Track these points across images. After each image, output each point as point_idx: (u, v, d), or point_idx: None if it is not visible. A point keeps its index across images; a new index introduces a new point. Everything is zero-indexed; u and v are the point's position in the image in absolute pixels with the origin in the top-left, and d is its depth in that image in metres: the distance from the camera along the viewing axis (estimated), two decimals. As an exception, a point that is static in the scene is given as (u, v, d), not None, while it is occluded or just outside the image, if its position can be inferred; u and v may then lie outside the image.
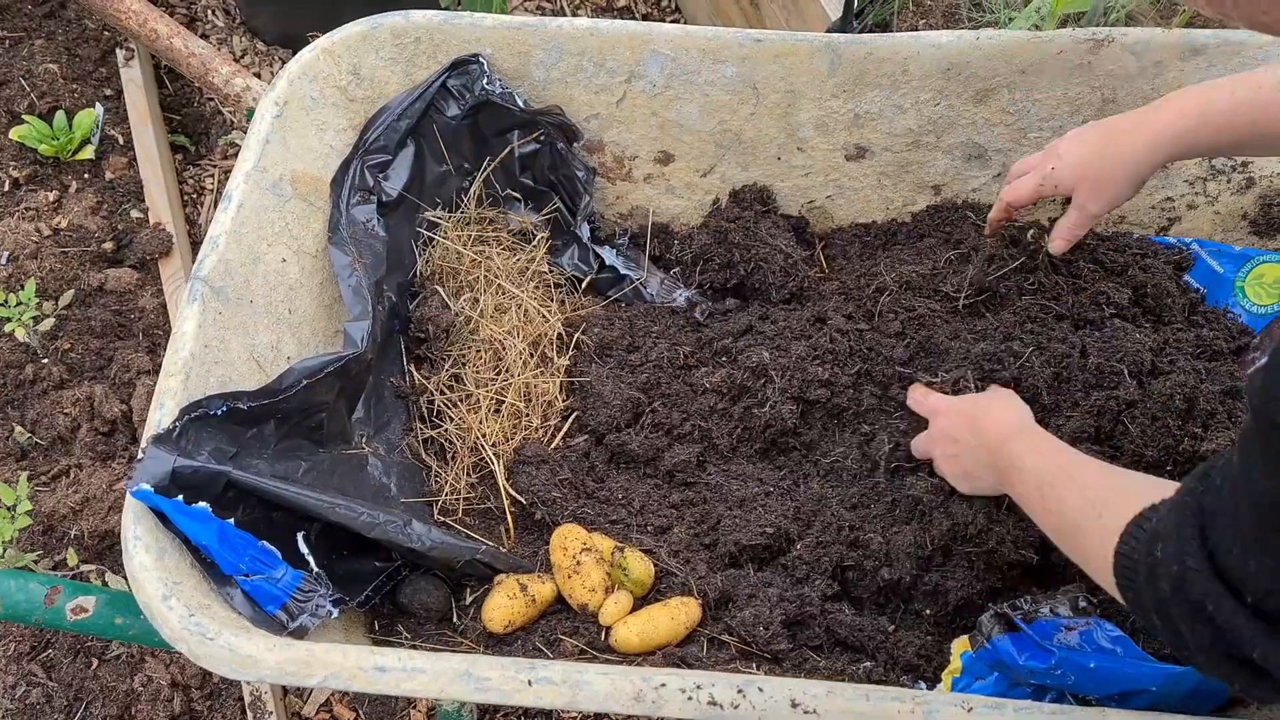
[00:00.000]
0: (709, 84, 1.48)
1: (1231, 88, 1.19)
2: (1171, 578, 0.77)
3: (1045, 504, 1.05)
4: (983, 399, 1.27)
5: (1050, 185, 1.30)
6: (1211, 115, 1.19)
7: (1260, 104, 1.16)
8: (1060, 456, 1.09)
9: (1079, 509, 0.98)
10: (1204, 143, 1.21)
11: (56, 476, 1.83)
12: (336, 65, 1.43)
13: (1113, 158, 1.24)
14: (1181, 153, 1.23)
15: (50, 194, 2.17)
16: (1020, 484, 1.11)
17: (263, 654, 0.96)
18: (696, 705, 0.95)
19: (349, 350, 1.29)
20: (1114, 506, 0.92)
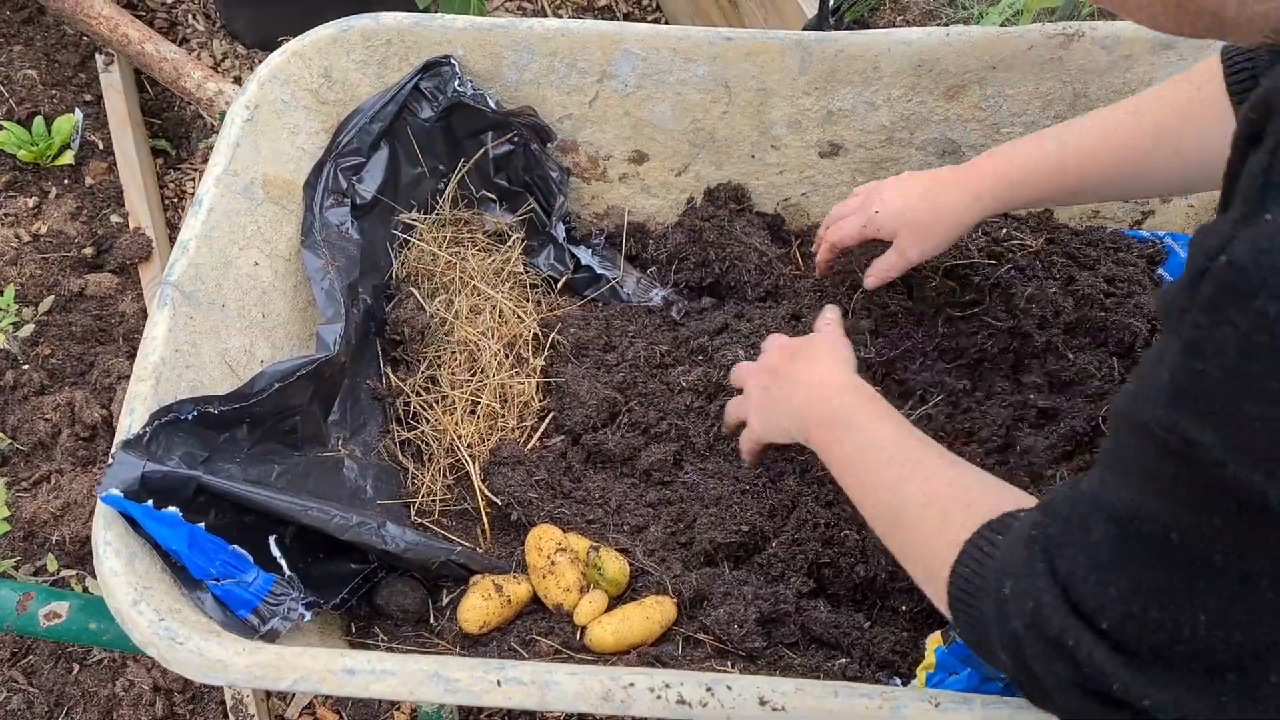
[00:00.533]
0: (681, 83, 1.48)
1: (1058, 144, 1.17)
2: (1024, 615, 0.74)
3: (873, 478, 1.00)
4: (817, 336, 1.23)
5: (873, 229, 1.30)
6: (1032, 172, 1.18)
7: (1086, 155, 1.15)
8: (900, 430, 1.02)
9: (915, 500, 0.93)
10: (1026, 198, 1.22)
11: (37, 482, 1.83)
12: (308, 68, 1.43)
13: (933, 211, 1.25)
14: (1002, 208, 1.23)
15: (30, 200, 2.17)
16: (844, 442, 1.04)
17: (232, 658, 0.96)
18: (665, 704, 0.95)
19: (322, 353, 1.29)
20: (953, 513, 0.88)
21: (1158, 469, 0.61)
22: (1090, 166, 1.15)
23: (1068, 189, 1.19)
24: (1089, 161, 1.15)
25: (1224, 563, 0.60)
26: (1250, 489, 0.55)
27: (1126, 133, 1.12)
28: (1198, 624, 0.62)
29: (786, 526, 1.32)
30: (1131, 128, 1.12)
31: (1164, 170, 1.12)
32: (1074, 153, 1.16)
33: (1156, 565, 0.63)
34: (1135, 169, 1.13)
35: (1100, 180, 1.16)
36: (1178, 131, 1.08)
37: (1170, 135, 1.09)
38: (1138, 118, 1.12)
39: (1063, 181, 1.17)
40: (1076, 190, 1.19)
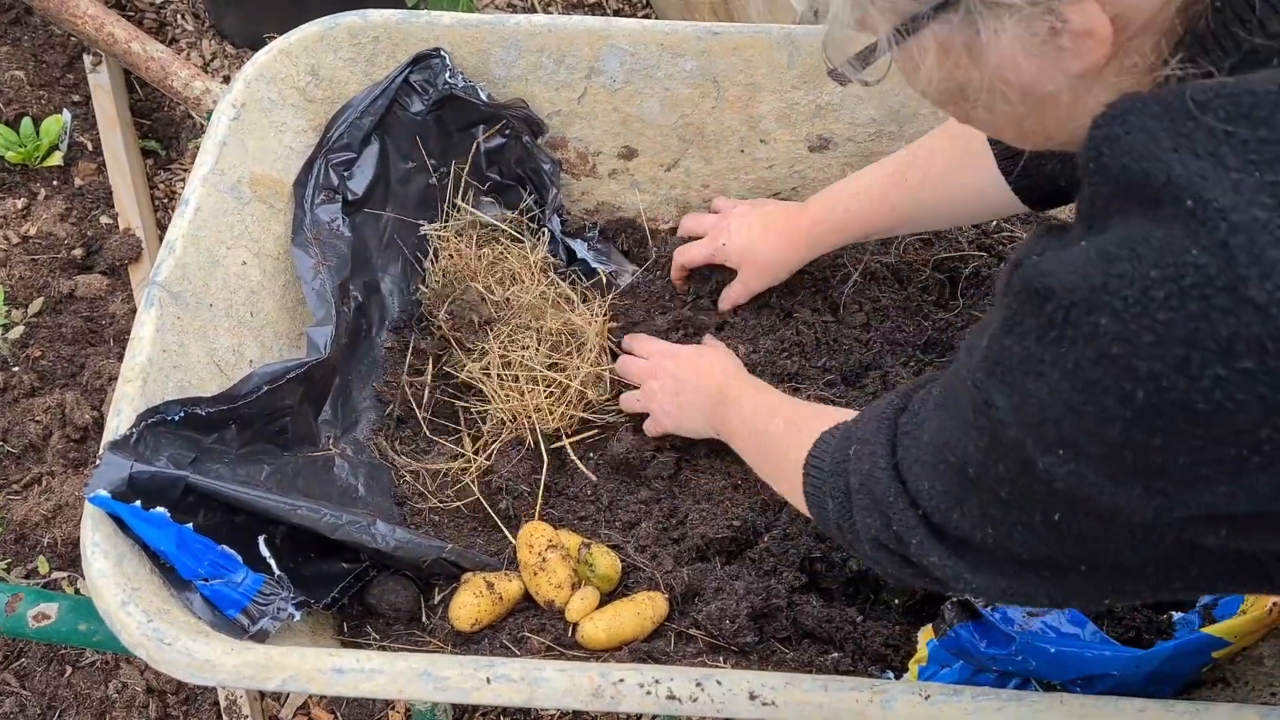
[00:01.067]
0: (669, 78, 1.48)
1: (866, 191, 1.37)
2: (861, 474, 0.88)
3: (752, 433, 1.18)
4: (705, 346, 1.42)
5: (720, 258, 1.46)
6: (848, 219, 1.38)
7: (884, 203, 1.35)
8: (771, 395, 1.23)
9: (780, 431, 1.10)
10: (843, 241, 1.41)
11: (28, 484, 1.83)
12: (294, 66, 1.42)
13: (767, 249, 1.42)
14: (827, 248, 1.42)
15: (18, 201, 2.17)
16: (733, 418, 1.23)
17: (220, 658, 0.96)
18: (655, 699, 0.95)
19: (312, 356, 1.29)
20: (811, 425, 1.02)
21: (968, 417, 0.72)
22: (889, 213, 1.35)
23: (877, 230, 1.39)
24: (888, 209, 1.35)
25: (1007, 497, 0.71)
26: (1024, 451, 0.65)
27: (908, 186, 1.32)
28: (986, 535, 0.76)
29: (778, 521, 1.32)
30: (900, 181, 1.33)
31: (941, 211, 1.34)
32: (877, 201, 1.35)
33: (959, 485, 0.77)
34: (921, 213, 1.35)
35: (899, 223, 1.38)
36: (946, 180, 1.29)
37: (939, 184, 1.30)
38: (907, 169, 1.33)
39: (871, 226, 1.38)
40: (885, 230, 1.40)
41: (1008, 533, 0.74)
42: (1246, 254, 0.53)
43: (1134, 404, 0.58)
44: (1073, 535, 0.70)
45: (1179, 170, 0.56)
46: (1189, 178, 0.56)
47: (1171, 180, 0.56)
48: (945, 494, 0.79)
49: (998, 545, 0.76)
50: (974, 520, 0.77)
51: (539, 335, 1.46)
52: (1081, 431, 0.61)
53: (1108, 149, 0.60)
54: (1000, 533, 0.75)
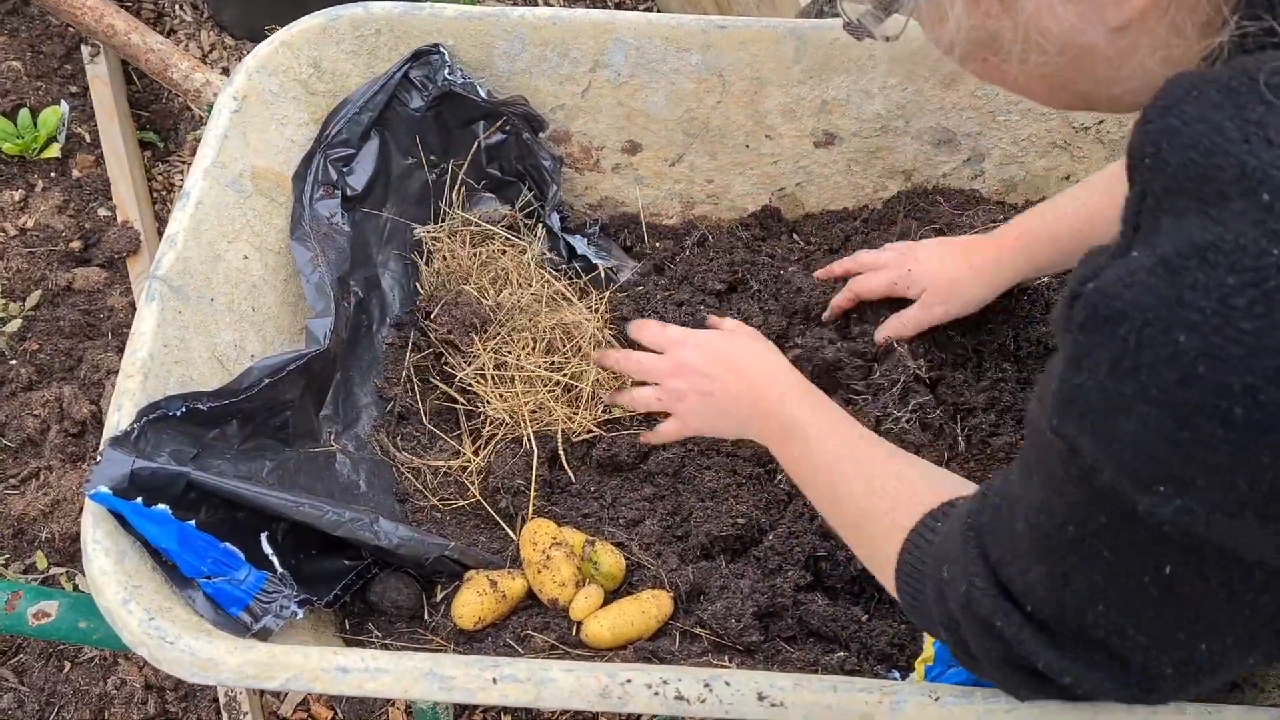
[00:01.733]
0: (674, 72, 1.47)
1: (1072, 201, 1.27)
2: (959, 598, 0.80)
3: (825, 478, 1.04)
4: (742, 337, 1.25)
5: (904, 286, 1.35)
6: (1047, 239, 1.27)
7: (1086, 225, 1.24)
8: (849, 431, 1.07)
9: (863, 495, 0.98)
10: (1055, 263, 1.29)
11: (26, 479, 1.81)
12: (296, 58, 1.41)
13: (968, 271, 1.32)
14: (1031, 274, 1.32)
15: (16, 193, 2.15)
16: (796, 448, 1.09)
17: (223, 657, 0.95)
18: (663, 700, 0.94)
19: (312, 347, 1.27)
20: (899, 505, 0.93)
21: (1053, 470, 0.66)
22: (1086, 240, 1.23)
23: (1068, 259, 1.27)
24: (1088, 231, 1.23)
25: (1112, 558, 0.65)
26: (1121, 496, 0.60)
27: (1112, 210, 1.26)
28: (1098, 611, 0.69)
29: (783, 519, 1.31)
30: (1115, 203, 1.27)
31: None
32: (1081, 222, 1.24)
33: (1062, 556, 0.69)
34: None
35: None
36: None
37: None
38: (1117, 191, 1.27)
39: (1062, 256, 1.27)
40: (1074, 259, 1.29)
41: (1121, 609, 0.68)
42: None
43: (1234, 424, 0.54)
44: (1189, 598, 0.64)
45: (1253, 163, 0.52)
46: (1264, 169, 0.51)
47: (1246, 173, 0.52)
48: (1049, 578, 0.71)
49: (1113, 629, 0.70)
50: (1082, 602, 0.70)
51: (534, 336, 1.45)
52: (1183, 461, 0.56)
53: (1167, 143, 0.56)
54: (1114, 612, 0.68)
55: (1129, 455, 0.58)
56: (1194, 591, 0.63)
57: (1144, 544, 0.62)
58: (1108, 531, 0.64)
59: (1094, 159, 1.54)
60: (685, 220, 1.63)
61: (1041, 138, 1.53)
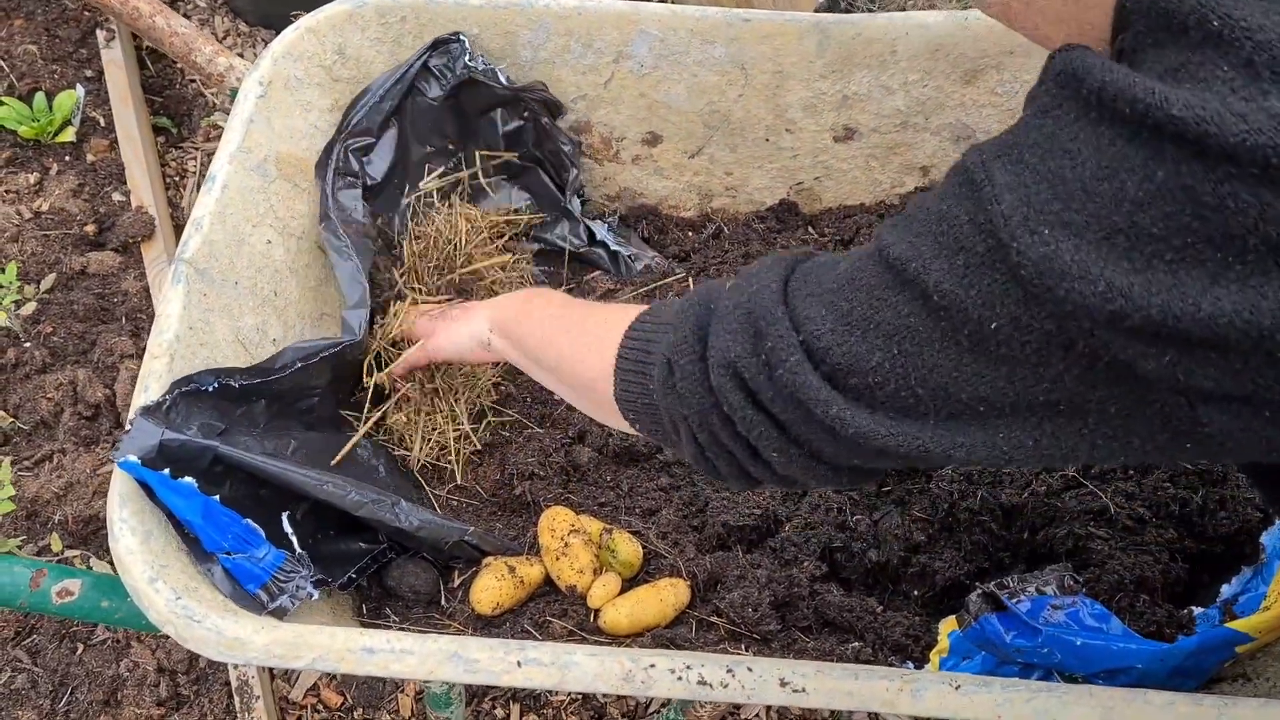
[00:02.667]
0: (697, 64, 1.48)
1: None
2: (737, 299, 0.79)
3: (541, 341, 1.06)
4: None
5: None
6: None
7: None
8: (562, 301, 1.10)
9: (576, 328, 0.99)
10: None
11: (40, 461, 1.82)
12: (321, 44, 1.41)
13: None
14: None
15: (31, 176, 2.15)
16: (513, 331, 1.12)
17: (250, 636, 0.95)
18: (686, 685, 0.95)
19: (347, 337, 1.28)
20: (609, 325, 0.92)
21: (943, 207, 0.67)
22: None
23: None
24: None
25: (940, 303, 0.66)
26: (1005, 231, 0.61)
27: None
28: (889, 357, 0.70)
29: (799, 511, 1.32)
30: None
31: None
32: None
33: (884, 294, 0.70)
34: None
35: None
36: None
37: None
38: None
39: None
40: None
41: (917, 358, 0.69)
42: (1270, 70, 0.55)
43: (1152, 183, 0.57)
44: (1003, 356, 0.65)
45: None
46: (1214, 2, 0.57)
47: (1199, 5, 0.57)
48: (845, 318, 0.72)
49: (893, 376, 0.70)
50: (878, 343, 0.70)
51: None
52: (1087, 210, 0.59)
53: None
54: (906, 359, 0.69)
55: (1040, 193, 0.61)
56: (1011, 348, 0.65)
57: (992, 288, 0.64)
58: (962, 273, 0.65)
59: (1111, 158, 1.54)
60: (703, 213, 1.63)
61: (1059, 136, 1.53)
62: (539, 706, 1.75)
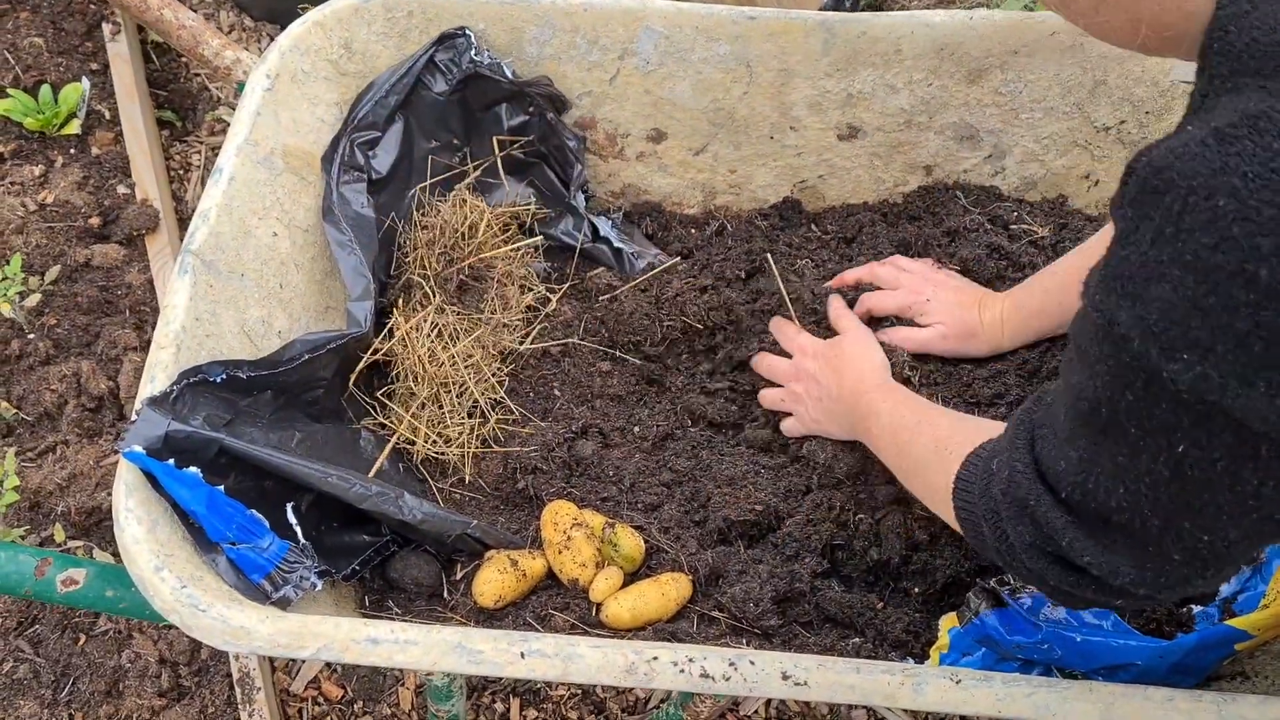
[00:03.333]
0: (703, 62, 1.48)
1: (1043, 282, 1.32)
2: (1002, 482, 0.86)
3: (897, 447, 1.13)
4: (847, 344, 1.34)
5: (916, 312, 1.38)
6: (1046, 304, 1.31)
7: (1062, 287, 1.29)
8: (914, 405, 1.17)
9: (926, 447, 1.06)
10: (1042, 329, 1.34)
11: (43, 453, 1.82)
12: (328, 38, 1.42)
13: (979, 324, 1.36)
14: (1022, 343, 1.36)
15: (36, 169, 2.16)
16: (875, 428, 1.19)
17: (255, 625, 0.96)
18: (688, 678, 0.95)
19: (353, 329, 1.29)
20: (959, 442, 0.99)
21: (1092, 348, 0.69)
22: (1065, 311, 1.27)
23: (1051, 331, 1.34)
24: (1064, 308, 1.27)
25: (1136, 435, 0.68)
26: (1149, 362, 0.63)
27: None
28: (1120, 494, 0.73)
29: (800, 508, 1.32)
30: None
31: None
32: (1054, 302, 1.30)
33: (1091, 441, 0.73)
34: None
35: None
36: None
37: None
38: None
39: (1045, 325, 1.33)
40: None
41: (1139, 491, 0.71)
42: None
43: (1258, 286, 0.55)
44: (1199, 481, 0.66)
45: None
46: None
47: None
48: (1080, 462, 0.76)
49: (1132, 511, 0.73)
50: (1108, 483, 0.73)
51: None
52: (1206, 326, 0.58)
53: (1234, 26, 0.58)
54: (1132, 493, 0.71)
55: (1159, 321, 0.61)
56: (1203, 475, 0.66)
57: (1163, 418, 0.65)
58: (1134, 407, 0.67)
59: (1114, 159, 1.55)
60: (706, 210, 1.64)
61: (1063, 136, 1.54)
62: (539, 701, 1.76)
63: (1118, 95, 1.49)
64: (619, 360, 1.50)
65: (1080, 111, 1.51)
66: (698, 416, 1.45)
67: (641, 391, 1.49)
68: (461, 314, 1.47)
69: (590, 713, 1.74)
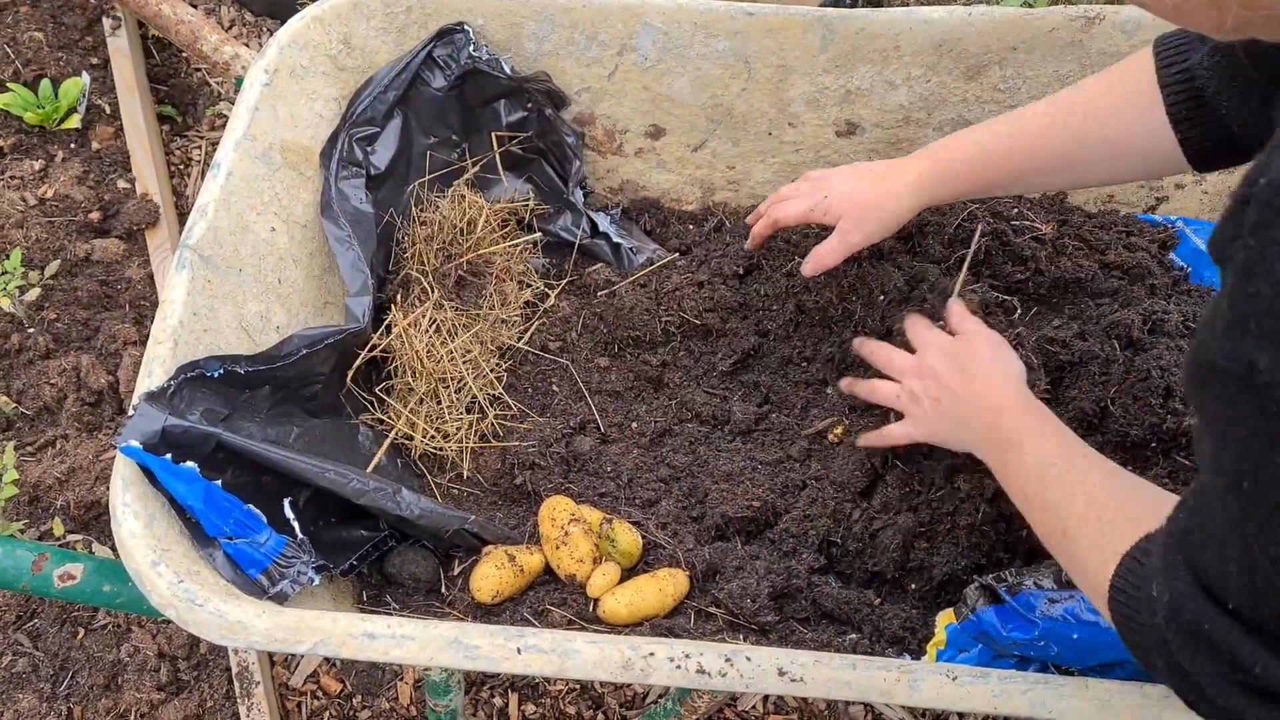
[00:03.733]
0: (701, 58, 1.48)
1: (991, 137, 1.21)
2: (1165, 607, 0.73)
3: (1043, 497, 0.99)
4: (979, 344, 1.19)
5: (820, 213, 1.31)
6: (965, 164, 1.22)
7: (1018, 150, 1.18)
8: (1065, 447, 1.02)
9: (1080, 516, 0.93)
10: (960, 189, 1.25)
11: (43, 447, 1.83)
12: (327, 33, 1.42)
13: (876, 197, 1.27)
14: (939, 198, 1.27)
15: (36, 163, 2.16)
16: (1016, 466, 1.04)
17: (252, 620, 0.96)
18: (685, 674, 0.96)
19: (351, 324, 1.29)
20: (1117, 526, 0.88)
21: (1223, 410, 0.58)
22: (1019, 162, 1.18)
23: (997, 182, 1.23)
24: (1020, 157, 1.18)
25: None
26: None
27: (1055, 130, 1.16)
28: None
29: (797, 504, 1.33)
30: (1060, 123, 1.15)
31: (1096, 160, 1.15)
32: (1004, 149, 1.19)
33: (1245, 523, 0.60)
34: (1065, 161, 1.17)
35: (1026, 173, 1.20)
36: (1114, 120, 1.12)
37: (1100, 126, 1.12)
38: (1067, 112, 1.15)
39: (991, 176, 1.21)
40: (1007, 183, 1.23)
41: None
42: None
43: None
44: None
45: None
46: None
47: None
48: (1244, 557, 0.63)
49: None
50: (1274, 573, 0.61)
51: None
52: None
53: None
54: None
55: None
56: None
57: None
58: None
59: (1113, 155, 1.54)
60: (705, 206, 1.64)
61: (1062, 133, 1.53)
62: (537, 696, 1.76)
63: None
64: (617, 356, 1.50)
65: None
66: (694, 412, 1.45)
67: (640, 388, 1.49)
68: (460, 310, 1.47)
69: (589, 708, 1.75)
